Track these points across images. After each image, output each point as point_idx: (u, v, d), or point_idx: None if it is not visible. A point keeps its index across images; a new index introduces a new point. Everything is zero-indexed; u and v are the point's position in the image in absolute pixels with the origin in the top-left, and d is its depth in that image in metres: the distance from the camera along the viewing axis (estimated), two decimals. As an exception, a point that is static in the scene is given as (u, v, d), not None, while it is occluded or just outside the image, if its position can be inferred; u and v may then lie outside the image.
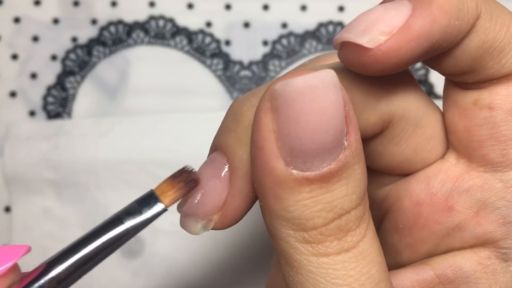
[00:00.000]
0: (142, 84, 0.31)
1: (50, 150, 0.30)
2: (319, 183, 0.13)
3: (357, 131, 0.13)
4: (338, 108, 0.12)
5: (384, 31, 0.13)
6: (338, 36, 0.14)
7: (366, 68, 0.14)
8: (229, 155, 0.15)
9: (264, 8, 0.32)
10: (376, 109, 0.15)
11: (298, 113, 0.12)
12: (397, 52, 0.13)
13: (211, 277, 0.29)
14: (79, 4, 0.31)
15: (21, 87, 0.31)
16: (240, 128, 0.15)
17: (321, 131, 0.12)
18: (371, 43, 0.13)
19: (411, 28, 0.13)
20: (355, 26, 0.13)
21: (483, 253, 0.15)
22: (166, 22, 0.31)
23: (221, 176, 0.15)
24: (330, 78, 0.12)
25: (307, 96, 0.12)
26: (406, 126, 0.15)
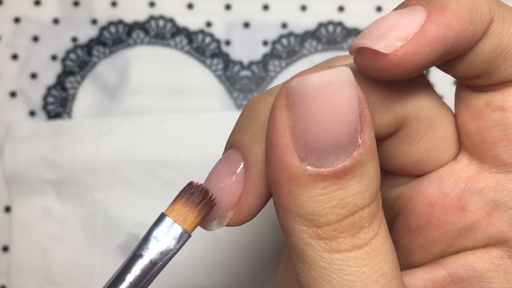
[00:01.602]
0: (142, 84, 0.31)
1: (50, 150, 0.30)
2: (333, 179, 0.13)
3: (371, 129, 0.13)
4: (353, 106, 0.12)
5: (400, 36, 0.13)
6: (354, 42, 0.14)
7: (382, 74, 0.14)
8: (244, 152, 0.15)
9: (264, 8, 0.32)
10: (390, 109, 0.15)
11: (313, 110, 0.12)
12: (413, 57, 0.13)
13: (212, 277, 0.29)
14: (79, 4, 0.31)
15: (21, 87, 0.31)
16: (256, 125, 0.15)
17: (336, 127, 0.12)
18: (388, 49, 0.13)
19: (426, 34, 0.13)
20: (371, 32, 0.14)
21: (495, 252, 0.15)
22: (166, 22, 0.31)
23: (236, 172, 0.15)
24: (345, 76, 0.12)
25: (323, 92, 0.12)
26: (420, 127, 0.15)
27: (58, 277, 0.29)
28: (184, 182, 0.30)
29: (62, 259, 0.29)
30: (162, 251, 0.15)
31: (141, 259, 0.15)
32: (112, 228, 0.30)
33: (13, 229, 0.30)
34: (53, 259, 0.29)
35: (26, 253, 0.30)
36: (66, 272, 0.29)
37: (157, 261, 0.15)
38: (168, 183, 0.30)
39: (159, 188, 0.30)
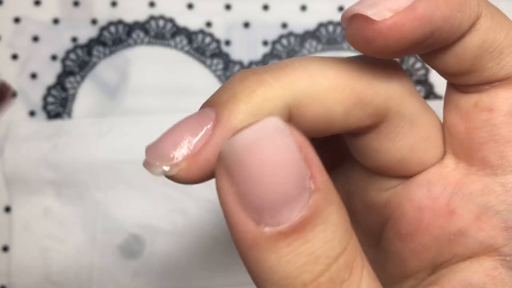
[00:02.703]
0: (142, 84, 0.31)
1: (50, 150, 0.30)
2: (294, 234, 0.12)
3: (322, 172, 0.12)
4: (291, 153, 0.12)
5: (391, 8, 0.14)
6: (347, 9, 0.15)
7: (371, 44, 0.14)
8: (218, 108, 0.14)
9: (264, 8, 0.32)
10: (373, 100, 0.15)
11: (250, 170, 0.12)
12: (401, 29, 0.14)
13: (212, 277, 0.30)
14: (79, 4, 0.31)
15: (21, 87, 0.31)
16: (239, 87, 0.14)
17: (279, 180, 0.12)
18: (377, 16, 0.14)
19: (416, 9, 0.14)
20: (364, 1, 0.14)
21: (489, 263, 0.15)
22: (166, 22, 0.31)
23: (203, 128, 0.14)
24: (273, 126, 0.12)
25: (254, 149, 0.12)
26: (401, 122, 0.16)
27: (58, 277, 0.29)
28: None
29: (62, 259, 0.30)
30: None
31: None
32: (112, 228, 0.30)
33: (13, 229, 0.30)
34: (53, 259, 0.29)
35: (26, 253, 0.30)
36: (66, 272, 0.29)
37: None
38: (168, 183, 0.30)
39: (159, 188, 0.30)
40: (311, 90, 0.14)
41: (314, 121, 0.15)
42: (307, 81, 0.14)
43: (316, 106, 0.14)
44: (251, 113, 0.14)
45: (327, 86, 0.14)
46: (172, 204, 0.30)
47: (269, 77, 0.14)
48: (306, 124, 0.15)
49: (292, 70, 0.14)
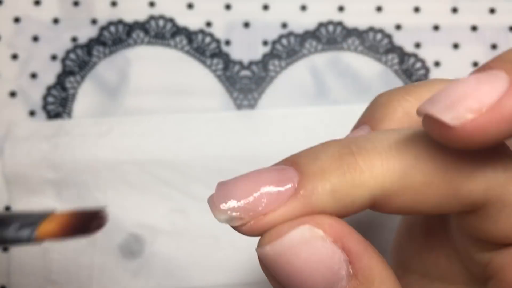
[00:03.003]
0: (142, 84, 0.31)
1: (50, 150, 0.30)
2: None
3: (361, 258, 0.13)
4: (319, 259, 0.13)
5: (472, 108, 0.12)
6: (421, 106, 0.13)
7: (450, 144, 0.13)
8: (304, 179, 0.14)
9: (264, 8, 0.32)
10: (471, 194, 0.14)
11: (281, 275, 0.13)
12: (484, 133, 0.12)
13: (212, 277, 0.30)
14: (79, 4, 0.31)
15: (21, 87, 0.31)
16: (333, 168, 0.14)
17: (308, 283, 0.13)
18: (456, 121, 0.12)
19: (504, 108, 0.12)
20: (441, 99, 0.12)
21: None
22: (166, 22, 0.31)
23: (281, 186, 0.14)
24: (297, 239, 0.13)
25: (279, 262, 0.13)
26: (504, 207, 0.14)
27: (58, 277, 0.29)
28: (184, 182, 0.31)
29: (62, 259, 0.30)
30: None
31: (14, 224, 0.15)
32: (112, 228, 0.30)
33: (13, 229, 0.30)
34: (53, 259, 0.29)
35: (26, 253, 0.30)
36: (66, 272, 0.29)
37: None
38: (168, 183, 0.30)
39: (159, 188, 0.30)
40: (402, 184, 0.14)
41: (398, 209, 0.14)
42: (400, 174, 0.13)
43: (404, 198, 0.14)
44: (333, 197, 0.13)
45: (421, 181, 0.13)
46: (172, 204, 0.30)
47: (362, 161, 0.14)
48: (389, 209, 0.14)
49: (386, 158, 0.14)
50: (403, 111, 0.17)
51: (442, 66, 0.31)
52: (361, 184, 0.13)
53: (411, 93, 0.17)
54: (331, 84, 0.31)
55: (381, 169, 0.13)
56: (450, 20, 0.32)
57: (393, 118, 0.17)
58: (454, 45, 0.32)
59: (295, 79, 0.31)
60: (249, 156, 0.30)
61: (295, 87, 0.31)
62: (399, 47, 0.32)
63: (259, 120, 0.30)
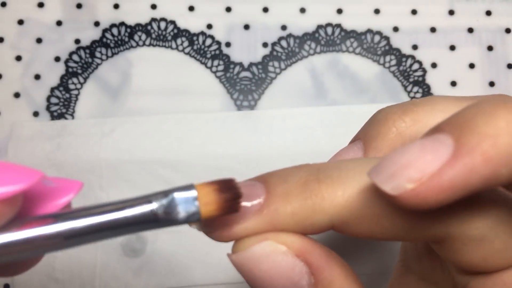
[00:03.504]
0: (144, 85, 0.31)
1: (53, 150, 0.30)
2: None
3: (321, 271, 0.14)
4: (279, 271, 0.14)
5: (412, 178, 0.12)
6: (369, 173, 0.13)
7: (397, 205, 0.13)
8: (269, 197, 0.15)
9: (264, 10, 0.32)
10: (429, 229, 0.14)
11: (245, 278, 0.15)
12: (424, 201, 0.12)
13: (213, 276, 0.30)
14: (82, 6, 0.32)
15: (25, 88, 0.31)
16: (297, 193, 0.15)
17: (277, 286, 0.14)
18: (395, 191, 0.12)
19: (442, 179, 0.12)
20: (384, 168, 0.13)
21: None
22: (168, 24, 0.32)
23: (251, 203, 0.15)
24: (258, 253, 0.15)
25: (242, 269, 0.15)
26: (467, 241, 0.14)
27: (61, 274, 0.30)
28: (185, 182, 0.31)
29: (65, 257, 0.30)
30: (168, 212, 0.15)
31: (148, 203, 0.14)
32: (115, 227, 0.30)
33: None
34: (56, 257, 0.30)
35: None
36: (69, 270, 0.30)
37: (158, 218, 0.14)
38: (169, 182, 0.30)
39: (161, 187, 0.30)
40: (360, 213, 0.14)
41: (357, 235, 0.15)
42: (359, 205, 0.14)
43: (362, 226, 0.14)
44: (293, 219, 0.15)
45: (378, 213, 0.14)
46: (174, 203, 0.30)
47: (326, 190, 0.14)
48: (348, 233, 0.15)
49: (349, 188, 0.14)
50: (396, 132, 0.17)
51: (439, 67, 0.32)
52: (321, 210, 0.14)
53: (408, 112, 0.17)
54: (329, 85, 0.32)
55: (342, 199, 0.14)
56: (447, 22, 0.32)
57: (385, 138, 0.18)
58: (450, 47, 0.32)
59: (294, 80, 0.32)
60: (249, 156, 0.30)
61: (295, 88, 0.32)
62: (396, 49, 0.32)
63: (259, 121, 0.31)
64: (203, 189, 0.15)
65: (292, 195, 0.14)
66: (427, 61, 0.32)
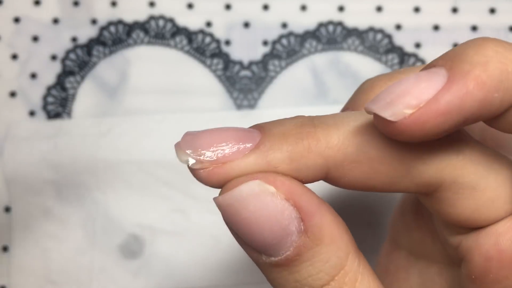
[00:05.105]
0: (142, 84, 0.31)
1: (50, 150, 0.30)
2: (282, 266, 0.14)
3: (311, 216, 0.14)
4: (267, 213, 0.14)
5: (410, 104, 0.13)
6: (367, 105, 0.14)
7: (395, 137, 0.14)
8: (265, 137, 0.15)
9: (264, 8, 0.32)
10: (423, 174, 0.15)
11: (232, 223, 0.14)
12: (423, 126, 0.13)
13: (211, 277, 0.30)
14: (79, 4, 0.31)
15: (21, 87, 0.31)
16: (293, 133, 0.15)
17: (265, 229, 0.14)
18: (394, 117, 0.13)
19: (438, 103, 0.13)
20: (382, 98, 0.13)
21: None
22: (166, 22, 0.31)
23: (244, 142, 0.15)
24: (246, 192, 0.14)
25: (230, 212, 0.14)
26: (460, 190, 0.15)
27: (58, 277, 0.29)
28: (184, 182, 0.31)
29: (62, 259, 0.30)
30: None
31: None
32: (112, 228, 0.30)
33: (13, 229, 0.30)
34: (53, 259, 0.29)
35: (26, 253, 0.30)
36: (66, 272, 0.29)
37: None
38: (168, 183, 0.30)
39: (159, 188, 0.30)
40: (356, 158, 0.14)
41: (351, 182, 0.15)
42: (355, 148, 0.14)
43: (356, 173, 0.15)
44: (289, 157, 0.14)
45: (373, 156, 0.14)
46: (172, 204, 0.30)
47: (321, 133, 0.15)
48: (343, 182, 0.15)
49: (343, 133, 0.15)
50: None
51: (442, 66, 0.31)
52: (316, 151, 0.14)
53: (393, 79, 0.18)
54: (331, 84, 0.31)
55: (337, 141, 0.14)
56: (450, 20, 0.32)
57: None
58: (454, 45, 0.32)
59: (295, 79, 0.31)
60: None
61: (295, 87, 0.31)
62: (399, 47, 0.32)
63: (259, 120, 0.30)
64: None
65: (288, 136, 0.15)
66: (430, 59, 0.31)
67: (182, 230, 0.30)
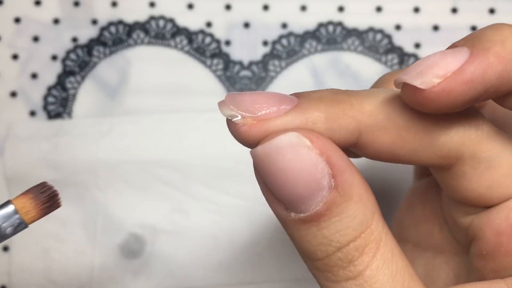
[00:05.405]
0: (142, 84, 0.31)
1: (50, 150, 0.30)
2: (312, 222, 0.15)
3: (342, 172, 0.15)
4: (302, 164, 0.14)
5: (438, 74, 0.14)
6: (397, 78, 0.15)
7: (423, 107, 0.15)
8: (303, 99, 0.16)
9: (264, 8, 0.32)
10: (445, 145, 0.16)
11: (267, 174, 0.15)
12: (450, 94, 0.14)
13: (212, 277, 0.30)
14: (80, 4, 0.31)
15: (22, 87, 0.31)
16: (329, 98, 0.16)
17: (297, 181, 0.15)
18: (424, 85, 0.14)
19: (464, 73, 0.14)
20: (412, 69, 0.15)
21: None
22: (166, 22, 0.32)
23: (285, 103, 0.16)
24: (294, 138, 0.15)
25: (267, 161, 0.15)
26: (477, 164, 0.16)
27: (59, 276, 0.29)
28: (185, 182, 0.31)
29: (62, 259, 0.30)
30: None
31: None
32: (112, 228, 0.30)
33: (14, 229, 0.30)
34: (53, 259, 0.30)
35: (26, 253, 0.30)
36: (66, 271, 0.29)
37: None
38: (168, 183, 0.30)
39: (159, 188, 0.30)
40: (385, 124, 0.16)
41: (380, 149, 0.16)
42: (384, 116, 0.16)
43: (385, 139, 0.16)
44: (325, 116, 0.15)
45: (401, 125, 0.16)
46: (172, 204, 0.30)
47: (355, 100, 0.16)
48: (372, 149, 0.16)
49: (375, 103, 0.16)
50: None
51: (442, 66, 0.32)
52: (350, 114, 0.16)
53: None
54: (331, 84, 0.31)
55: (369, 108, 0.16)
56: (450, 20, 0.32)
57: None
58: (453, 45, 0.32)
59: (295, 79, 0.31)
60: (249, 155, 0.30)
61: (295, 87, 0.31)
62: (399, 47, 0.32)
63: (259, 120, 0.30)
64: (20, 201, 0.17)
65: (325, 99, 0.16)
66: (430, 59, 0.32)
67: (182, 230, 0.30)
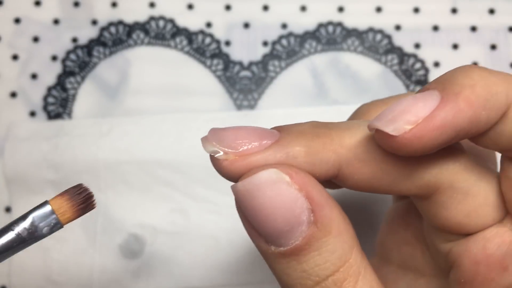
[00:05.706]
0: (142, 85, 0.31)
1: (50, 150, 0.30)
2: (291, 256, 0.15)
3: (322, 207, 0.15)
4: (282, 200, 0.15)
5: (410, 120, 0.15)
6: (370, 123, 0.16)
7: (396, 151, 0.15)
8: (284, 133, 0.16)
9: (264, 8, 0.32)
10: (417, 179, 0.16)
11: (247, 209, 0.15)
12: (421, 139, 0.15)
13: (212, 277, 0.30)
14: (80, 4, 0.31)
15: (22, 87, 0.31)
16: (309, 132, 0.16)
17: (277, 217, 0.15)
18: (396, 131, 0.15)
19: (434, 119, 0.14)
20: (384, 116, 0.15)
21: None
22: (166, 22, 0.32)
23: (265, 138, 0.16)
24: (264, 178, 0.15)
25: (247, 197, 0.15)
26: (454, 194, 0.16)
27: (59, 277, 0.29)
28: (184, 182, 0.31)
29: (63, 259, 0.30)
30: (32, 231, 0.18)
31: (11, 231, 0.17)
32: (112, 228, 0.30)
33: (14, 229, 0.30)
34: (53, 259, 0.30)
35: (26, 253, 0.30)
36: (66, 272, 0.29)
37: (25, 238, 0.17)
38: (168, 183, 0.30)
39: (159, 188, 0.30)
40: (365, 157, 0.16)
41: (360, 181, 0.16)
42: (364, 150, 0.16)
43: (365, 171, 0.16)
44: (306, 151, 0.16)
45: (380, 159, 0.16)
46: (172, 204, 0.30)
47: (335, 133, 0.16)
48: (352, 181, 0.16)
49: (355, 135, 0.16)
50: None
51: (441, 66, 0.32)
52: (331, 148, 0.16)
53: (387, 104, 0.19)
54: (330, 85, 0.31)
55: (349, 142, 0.16)
56: (450, 20, 0.32)
57: None
58: (453, 45, 0.32)
59: (295, 79, 0.31)
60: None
61: (295, 88, 0.31)
62: (398, 48, 0.32)
63: (259, 120, 0.30)
64: (56, 202, 0.18)
65: (305, 133, 0.16)
66: (430, 60, 0.32)
67: (182, 230, 0.30)
